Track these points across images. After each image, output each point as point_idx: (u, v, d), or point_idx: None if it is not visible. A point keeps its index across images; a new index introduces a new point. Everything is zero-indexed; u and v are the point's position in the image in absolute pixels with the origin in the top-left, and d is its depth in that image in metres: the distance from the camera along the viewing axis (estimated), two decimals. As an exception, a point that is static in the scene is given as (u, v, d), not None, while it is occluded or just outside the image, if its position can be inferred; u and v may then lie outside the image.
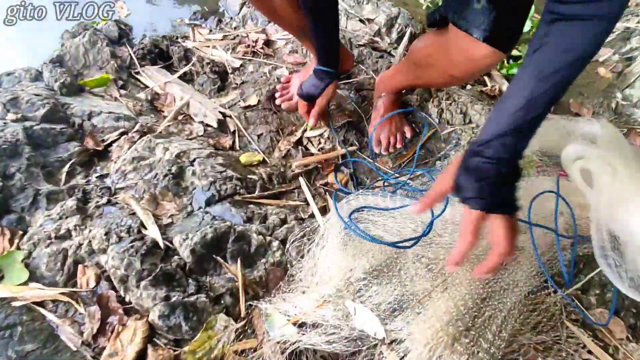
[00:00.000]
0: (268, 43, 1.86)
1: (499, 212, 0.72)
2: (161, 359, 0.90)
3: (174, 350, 0.92)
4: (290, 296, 0.97)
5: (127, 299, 0.97)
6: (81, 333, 0.93)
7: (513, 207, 0.74)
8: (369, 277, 0.96)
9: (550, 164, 1.29)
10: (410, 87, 1.50)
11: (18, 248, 1.03)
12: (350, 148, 1.44)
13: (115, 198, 1.15)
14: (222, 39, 1.91)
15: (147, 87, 1.65)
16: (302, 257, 1.04)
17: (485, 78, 1.93)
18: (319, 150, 1.44)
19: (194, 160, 1.21)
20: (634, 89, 1.98)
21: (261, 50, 1.79)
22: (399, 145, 1.44)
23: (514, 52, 2.06)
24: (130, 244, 0.99)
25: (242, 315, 0.98)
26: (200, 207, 1.13)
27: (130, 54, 1.74)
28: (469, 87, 1.82)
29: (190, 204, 1.14)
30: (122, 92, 1.60)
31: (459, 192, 0.75)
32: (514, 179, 0.74)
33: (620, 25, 2.22)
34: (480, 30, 0.89)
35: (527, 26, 2.03)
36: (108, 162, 1.28)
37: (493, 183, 0.71)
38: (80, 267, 1.00)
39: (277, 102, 1.54)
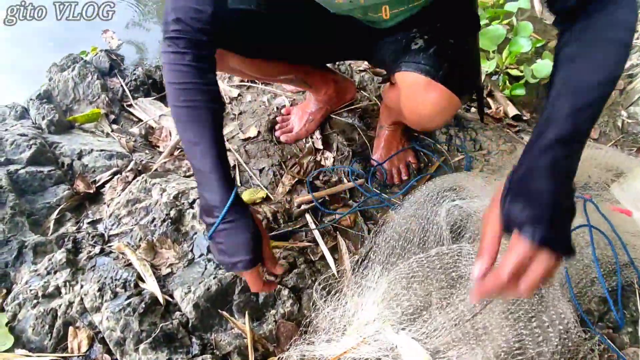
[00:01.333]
0: (265, 70, 1.80)
1: (555, 247, 0.58)
2: None
3: (178, 423, 0.82)
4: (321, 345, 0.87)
5: (124, 364, 0.88)
6: (73, 407, 0.83)
7: (569, 246, 0.59)
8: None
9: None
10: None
11: (2, 310, 0.93)
12: (359, 181, 1.36)
13: (109, 247, 1.06)
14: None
15: (140, 120, 1.57)
16: (316, 307, 0.94)
17: (489, 100, 1.89)
18: (323, 184, 1.37)
19: (194, 201, 1.13)
20: (638, 107, 1.95)
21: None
22: (404, 177, 1.37)
23: (515, 72, 2.03)
24: (127, 301, 0.90)
25: None
26: (202, 254, 1.04)
27: (122, 86, 1.67)
28: (473, 109, 1.77)
29: (191, 250, 1.05)
30: (114, 127, 1.52)
31: (510, 224, 0.60)
32: (569, 210, 0.61)
33: (618, 42, 2.22)
34: (419, 65, 0.92)
35: (528, 46, 2.00)
36: (100, 206, 1.20)
37: (550, 209, 0.58)
38: (71, 329, 0.91)
39: (277, 134, 1.47)
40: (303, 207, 1.27)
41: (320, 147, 1.42)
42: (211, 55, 0.80)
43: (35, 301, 0.92)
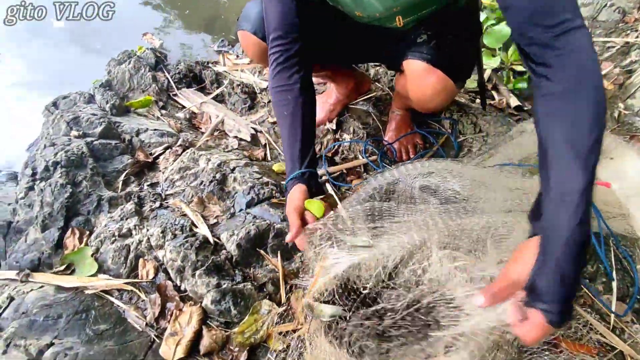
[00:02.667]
0: (291, 65, 2.03)
1: (558, 327, 0.62)
2: (215, 338, 1.03)
3: (225, 332, 1.05)
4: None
5: (182, 288, 1.11)
6: (144, 317, 1.07)
7: (570, 317, 0.64)
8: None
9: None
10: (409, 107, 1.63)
11: (87, 245, 1.18)
12: (372, 157, 1.58)
13: (167, 203, 1.30)
14: (249, 64, 2.10)
15: (184, 107, 1.83)
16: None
17: (494, 93, 2.08)
18: (342, 160, 1.59)
19: (234, 168, 1.37)
20: (635, 99, 2.10)
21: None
22: (412, 156, 1.58)
23: (520, 68, 2.21)
24: (185, 240, 1.13)
25: (283, 301, 1.11)
26: (241, 209, 1.27)
27: (167, 79, 1.94)
28: (478, 101, 1.96)
29: (233, 206, 1.29)
30: (163, 112, 1.78)
31: (535, 295, 0.62)
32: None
33: (619, 40, 2.37)
34: (422, 54, 1.13)
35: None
36: (156, 173, 1.45)
37: (569, 298, 0.61)
38: (141, 260, 1.15)
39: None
40: (323, 178, 1.49)
41: (335, 128, 1.64)
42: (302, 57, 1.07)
43: (112, 239, 1.17)
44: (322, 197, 1.03)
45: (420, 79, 1.17)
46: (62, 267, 1.15)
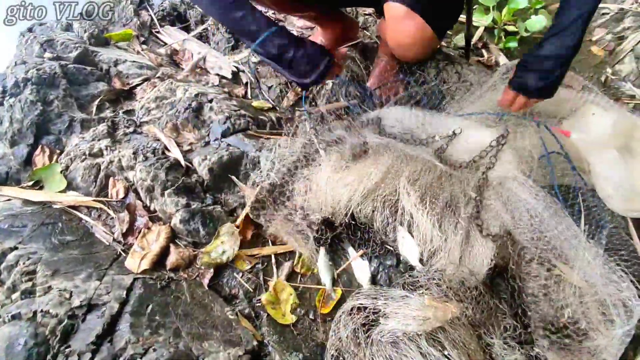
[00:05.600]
0: (279, 9, 1.98)
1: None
2: (182, 255, 1.04)
3: (193, 251, 1.05)
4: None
5: (152, 208, 1.11)
6: (112, 233, 1.07)
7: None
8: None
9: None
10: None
11: (56, 162, 1.17)
12: (353, 101, 1.56)
13: (141, 129, 1.28)
14: (236, 6, 2.04)
15: (166, 44, 1.78)
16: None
17: (483, 51, 2.05)
18: (324, 102, 1.57)
19: (212, 99, 1.34)
20: (624, 65, 2.09)
21: (273, 15, 1.92)
22: (393, 99, 1.57)
23: (512, 29, 2.18)
24: (156, 161, 1.12)
25: (238, 222, 1.10)
26: (216, 138, 1.26)
27: (151, 15, 1.88)
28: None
29: (208, 135, 1.27)
30: (144, 47, 1.73)
31: (524, 90, 1.03)
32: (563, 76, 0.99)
33: (614, 7, 2.34)
34: (404, 1, 1.10)
35: (525, 3, 2.14)
36: (133, 102, 1.42)
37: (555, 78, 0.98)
38: (111, 180, 1.14)
39: (285, 64, 1.67)
40: (303, 118, 1.47)
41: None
42: None
43: (83, 157, 1.15)
44: None
45: (399, 23, 1.14)
46: (31, 183, 1.13)
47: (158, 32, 1.84)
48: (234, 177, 1.16)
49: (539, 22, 2.07)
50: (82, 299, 0.83)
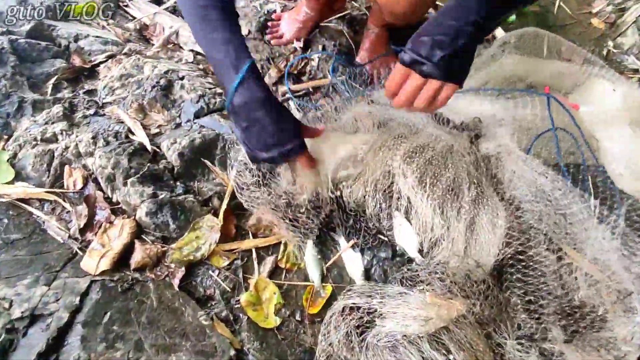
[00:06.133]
0: (260, -20, 1.82)
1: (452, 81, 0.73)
2: (148, 253, 0.91)
3: (162, 247, 0.93)
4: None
5: (114, 199, 0.97)
6: (68, 229, 0.93)
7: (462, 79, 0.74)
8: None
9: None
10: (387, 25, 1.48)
11: (3, 150, 1.02)
12: (340, 77, 1.43)
13: (103, 110, 1.14)
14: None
15: (135, 18, 1.62)
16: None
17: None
18: (310, 79, 1.43)
19: (183, 77, 1.20)
20: (626, 37, 1.99)
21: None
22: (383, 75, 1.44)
23: None
24: (118, 146, 0.98)
25: (219, 216, 0.97)
26: (189, 120, 1.12)
27: (118, -13, 1.71)
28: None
29: (179, 116, 1.13)
30: (110, 22, 1.57)
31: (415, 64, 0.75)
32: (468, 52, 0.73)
33: (614, -23, 2.22)
34: None
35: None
36: (95, 81, 1.27)
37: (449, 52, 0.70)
38: (67, 168, 1.00)
39: (267, 38, 1.52)
40: (287, 95, 1.34)
41: (303, 47, 1.48)
42: None
43: (34, 143, 1.01)
44: None
45: None
46: (-27, 174, 0.99)
47: (126, 5, 1.67)
48: (207, 162, 1.03)
49: (538, -6, 1.94)
50: (24, 309, 0.70)
